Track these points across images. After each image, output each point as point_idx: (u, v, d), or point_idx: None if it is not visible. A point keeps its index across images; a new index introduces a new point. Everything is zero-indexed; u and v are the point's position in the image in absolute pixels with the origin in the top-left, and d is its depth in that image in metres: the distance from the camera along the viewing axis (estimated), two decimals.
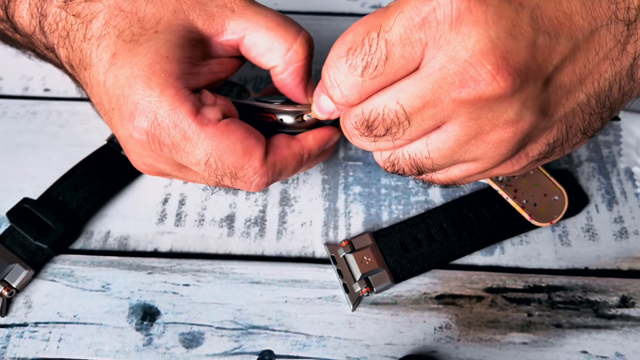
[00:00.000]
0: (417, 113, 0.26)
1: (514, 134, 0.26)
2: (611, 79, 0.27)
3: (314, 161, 0.37)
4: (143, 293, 0.36)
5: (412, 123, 0.26)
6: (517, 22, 0.24)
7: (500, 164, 0.29)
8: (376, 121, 0.27)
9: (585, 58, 0.26)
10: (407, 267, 0.37)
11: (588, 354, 0.34)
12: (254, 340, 0.35)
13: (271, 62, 0.33)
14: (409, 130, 0.27)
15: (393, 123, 0.27)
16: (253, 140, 0.30)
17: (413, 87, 0.25)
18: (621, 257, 0.38)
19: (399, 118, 0.26)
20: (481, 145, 0.27)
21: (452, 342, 0.35)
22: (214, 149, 0.29)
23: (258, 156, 0.30)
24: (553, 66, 0.25)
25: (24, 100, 0.46)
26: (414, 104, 0.26)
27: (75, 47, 0.31)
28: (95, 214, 0.40)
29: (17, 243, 0.37)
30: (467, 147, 0.27)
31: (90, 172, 0.40)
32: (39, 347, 0.34)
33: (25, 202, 0.38)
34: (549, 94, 0.26)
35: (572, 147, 0.30)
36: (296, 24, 0.33)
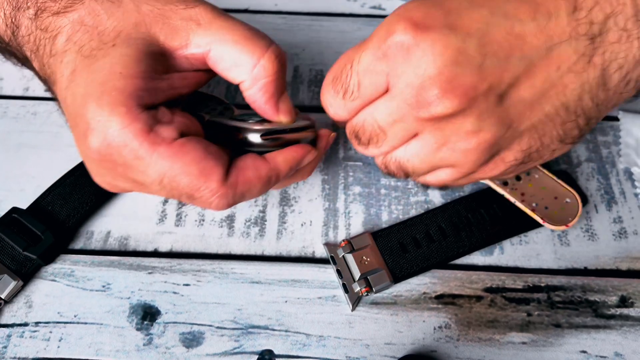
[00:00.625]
0: (389, 127, 0.31)
1: (478, 143, 0.30)
2: (579, 89, 0.29)
3: (288, 180, 0.35)
4: (143, 293, 0.36)
5: (388, 134, 0.31)
6: (463, 50, 0.27)
7: (478, 169, 0.32)
8: (360, 132, 0.32)
9: (545, 73, 0.29)
10: (406, 267, 0.37)
11: (587, 353, 0.34)
12: (254, 340, 0.35)
13: (238, 77, 0.31)
14: (388, 140, 0.31)
15: (373, 134, 0.32)
16: (211, 161, 0.29)
17: (383, 107, 0.30)
18: (620, 257, 0.38)
19: (375, 130, 0.31)
20: (452, 153, 0.30)
21: (451, 341, 0.35)
22: (167, 169, 0.28)
23: (215, 178, 0.29)
24: (506, 84, 0.28)
25: (25, 101, 0.46)
26: (386, 119, 0.30)
27: (45, 62, 0.30)
28: (90, 218, 0.39)
29: (6, 253, 0.37)
30: (440, 154, 0.31)
31: (80, 181, 0.39)
32: (40, 346, 0.34)
33: (13, 212, 0.38)
34: (507, 107, 0.29)
35: (552, 153, 0.32)
36: (266, 38, 0.31)
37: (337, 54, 0.32)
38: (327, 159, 0.43)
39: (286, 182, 0.35)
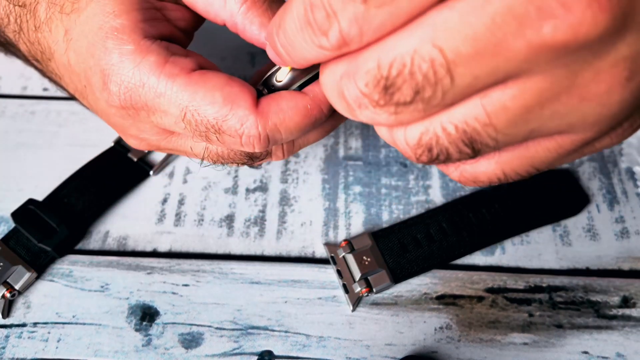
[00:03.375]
0: (465, 64, 0.17)
1: (630, 80, 0.17)
2: None
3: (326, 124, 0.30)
4: (142, 293, 0.36)
5: (456, 80, 0.17)
6: None
7: (609, 132, 0.20)
8: (400, 77, 0.17)
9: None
10: (407, 267, 0.37)
11: (589, 354, 0.34)
12: (253, 341, 0.34)
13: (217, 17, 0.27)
14: (452, 92, 0.17)
15: (426, 80, 0.17)
16: (236, 87, 0.25)
17: (459, 22, 0.16)
18: (622, 257, 0.38)
19: (436, 71, 0.17)
20: (578, 105, 0.18)
21: (452, 342, 0.35)
22: (189, 100, 0.25)
23: (243, 104, 0.25)
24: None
25: (23, 100, 0.45)
26: (462, 48, 0.16)
27: (32, 40, 0.29)
28: (99, 216, 0.39)
29: (21, 244, 0.37)
30: (554, 108, 0.18)
31: (97, 174, 0.40)
32: (38, 347, 0.34)
33: (30, 203, 0.38)
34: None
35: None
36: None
37: None
38: (327, 159, 0.42)
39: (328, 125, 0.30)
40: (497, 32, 0.16)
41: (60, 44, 0.28)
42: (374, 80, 0.18)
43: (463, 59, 0.16)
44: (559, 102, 0.18)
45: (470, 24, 0.16)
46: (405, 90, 0.17)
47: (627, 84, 0.17)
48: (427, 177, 0.42)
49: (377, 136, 0.44)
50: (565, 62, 0.17)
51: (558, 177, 0.41)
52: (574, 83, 0.17)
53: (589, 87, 0.17)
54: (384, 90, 0.18)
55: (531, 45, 0.16)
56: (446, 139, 0.19)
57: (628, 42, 0.16)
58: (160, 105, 0.26)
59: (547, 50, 0.16)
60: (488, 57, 0.16)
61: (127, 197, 0.40)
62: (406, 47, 0.17)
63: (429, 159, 0.20)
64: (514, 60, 0.16)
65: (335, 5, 0.17)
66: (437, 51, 0.16)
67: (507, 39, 0.16)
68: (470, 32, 0.16)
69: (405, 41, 0.17)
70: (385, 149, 0.43)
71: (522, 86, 0.17)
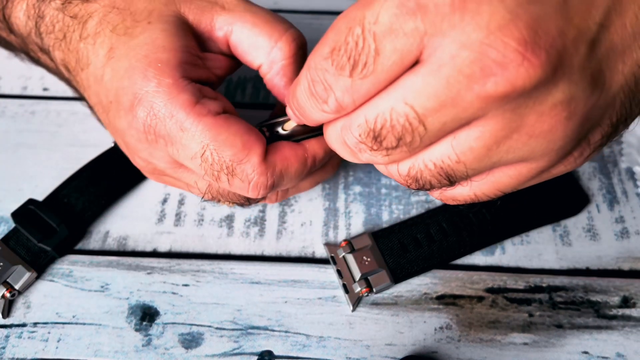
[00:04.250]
0: (433, 115, 0.21)
1: (569, 119, 0.21)
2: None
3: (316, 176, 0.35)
4: (142, 293, 0.36)
5: (428, 127, 0.21)
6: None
7: (561, 161, 0.23)
8: (384, 129, 0.22)
9: (635, 5, 0.21)
10: (407, 267, 0.37)
11: (589, 354, 0.34)
12: (253, 341, 0.34)
13: (256, 60, 0.31)
14: (427, 136, 0.22)
15: (405, 130, 0.22)
16: (253, 136, 0.29)
17: (422, 84, 0.20)
18: (622, 257, 0.38)
19: (411, 123, 0.21)
20: (528, 141, 0.21)
21: (452, 342, 0.35)
22: (211, 140, 0.28)
23: (258, 152, 0.29)
24: (596, 24, 0.20)
25: (23, 100, 0.45)
26: (427, 104, 0.21)
27: (72, 48, 0.31)
28: (99, 216, 0.39)
29: (21, 244, 0.37)
30: (508, 144, 0.22)
31: (97, 174, 0.40)
32: (38, 347, 0.34)
33: (30, 203, 0.38)
34: (599, 60, 0.21)
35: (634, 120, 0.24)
36: (286, 22, 0.31)
37: None
38: None
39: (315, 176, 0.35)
40: (452, 88, 0.20)
41: (100, 58, 0.30)
42: (365, 132, 0.23)
43: (430, 111, 0.21)
44: (512, 140, 0.22)
45: (430, 84, 0.20)
46: (390, 138, 0.22)
47: (567, 123, 0.21)
48: None
49: None
50: (511, 107, 0.20)
51: (558, 177, 0.41)
52: (521, 124, 0.21)
53: (534, 126, 0.21)
54: (373, 139, 0.23)
55: (480, 96, 0.20)
56: (428, 174, 0.24)
57: (562, 89, 0.20)
58: (182, 139, 0.28)
59: (493, 100, 0.20)
60: (449, 107, 0.21)
61: (127, 197, 0.40)
62: (385, 106, 0.22)
63: (417, 187, 0.25)
64: (470, 109, 0.20)
65: (329, 80, 0.22)
66: (408, 108, 0.21)
67: (460, 93, 0.20)
68: (431, 91, 0.20)
69: (384, 101, 0.22)
70: None
71: (482, 129, 0.21)
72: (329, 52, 0.22)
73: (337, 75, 0.22)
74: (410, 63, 0.21)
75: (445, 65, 0.20)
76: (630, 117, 0.24)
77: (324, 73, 0.22)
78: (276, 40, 0.31)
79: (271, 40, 0.31)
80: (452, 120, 0.21)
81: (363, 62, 0.21)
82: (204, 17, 0.31)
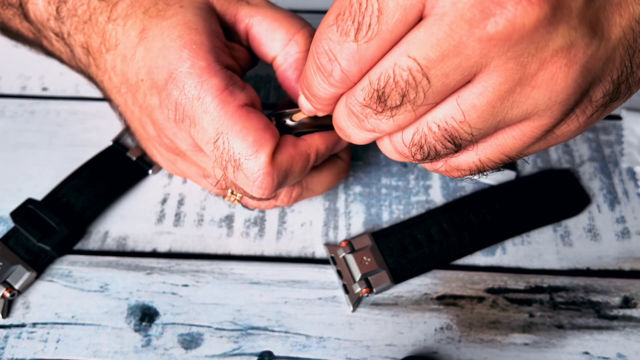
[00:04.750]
0: (436, 66, 0.21)
1: (569, 67, 0.21)
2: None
3: (319, 179, 0.36)
4: (142, 294, 0.36)
5: (432, 81, 0.21)
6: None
7: (564, 118, 0.23)
8: (388, 87, 0.22)
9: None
10: (407, 267, 0.37)
11: (590, 354, 0.34)
12: (253, 341, 0.34)
13: (272, 51, 0.32)
14: (431, 91, 0.22)
15: (409, 85, 0.22)
16: (268, 134, 0.29)
17: (424, 35, 0.21)
18: (623, 258, 0.38)
19: (414, 77, 0.21)
20: (531, 93, 0.21)
21: (453, 342, 0.35)
22: (227, 128, 0.29)
23: (267, 151, 0.29)
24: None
25: (22, 100, 0.45)
26: (430, 54, 0.21)
27: (98, 30, 0.31)
28: (98, 215, 0.39)
29: (21, 244, 0.37)
30: (512, 99, 0.22)
31: (96, 174, 0.40)
32: (37, 347, 0.34)
33: (29, 203, 0.38)
34: (596, 8, 0.21)
35: (638, 84, 0.24)
36: (303, 20, 0.33)
37: None
38: None
39: (319, 181, 0.36)
40: (454, 35, 0.20)
41: (132, 39, 0.30)
42: (369, 94, 0.23)
43: (433, 62, 0.21)
44: (515, 93, 0.22)
45: (433, 34, 0.20)
46: (394, 96, 0.22)
47: (567, 70, 0.21)
48: (427, 177, 0.41)
49: None
50: (513, 55, 0.20)
51: (559, 177, 0.41)
52: (524, 74, 0.21)
53: (536, 76, 0.21)
54: (378, 99, 0.23)
55: (481, 39, 0.20)
56: (432, 137, 0.24)
57: (561, 34, 0.20)
58: (203, 121, 0.29)
59: (494, 42, 0.20)
60: (452, 56, 0.21)
61: (127, 197, 0.40)
62: (388, 63, 0.22)
63: (422, 157, 0.25)
64: (472, 56, 0.20)
65: (334, 49, 0.22)
66: (411, 60, 0.21)
67: (462, 39, 0.20)
68: (434, 40, 0.20)
69: (388, 60, 0.22)
70: None
71: (485, 83, 0.21)
72: (333, 19, 0.22)
73: (342, 41, 0.22)
74: (414, 20, 0.21)
75: (447, 13, 0.20)
76: (632, 78, 0.23)
77: (328, 42, 0.22)
78: (293, 34, 0.32)
79: (289, 34, 0.32)
80: (455, 71, 0.21)
81: (367, 24, 0.21)
82: (230, 8, 0.32)
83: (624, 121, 0.44)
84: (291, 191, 0.35)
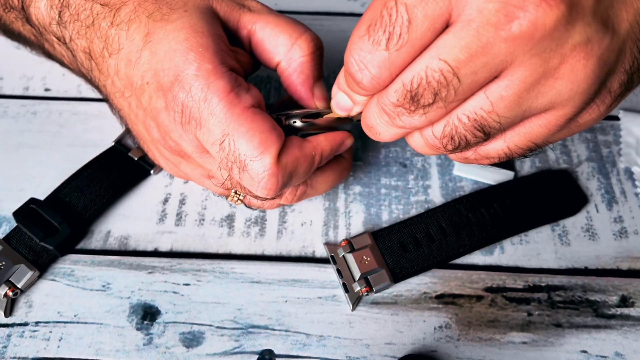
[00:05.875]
0: (465, 66, 0.23)
1: (587, 59, 0.23)
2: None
3: (323, 178, 0.36)
4: (143, 292, 0.36)
5: (462, 79, 0.23)
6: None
7: (585, 107, 0.25)
8: (421, 87, 0.24)
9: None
10: (407, 266, 0.37)
11: (588, 353, 0.34)
12: (254, 340, 0.35)
13: (276, 57, 0.33)
14: (461, 88, 0.24)
15: (440, 84, 0.24)
16: (274, 136, 0.30)
17: (454, 40, 0.23)
18: (621, 257, 0.38)
19: (445, 77, 0.23)
20: (554, 84, 0.24)
21: (452, 341, 0.35)
22: (233, 130, 0.29)
23: (272, 152, 0.29)
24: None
25: (25, 100, 0.46)
26: (460, 56, 0.23)
27: (100, 34, 0.32)
28: (100, 215, 0.40)
29: (23, 243, 0.37)
30: (537, 90, 0.24)
31: (97, 173, 0.40)
32: (40, 346, 0.34)
33: (31, 203, 0.38)
34: (605, 5, 0.23)
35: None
36: (305, 25, 0.33)
37: (338, 53, 0.32)
38: None
39: (323, 180, 0.36)
40: (481, 38, 0.22)
41: (136, 42, 0.30)
42: (403, 95, 0.25)
43: (462, 63, 0.23)
44: (540, 84, 0.24)
45: (462, 38, 0.23)
46: (427, 95, 0.24)
47: (586, 63, 0.23)
48: (426, 177, 0.42)
49: None
50: (536, 52, 0.22)
51: (557, 177, 0.41)
52: (547, 68, 0.23)
53: (558, 69, 0.23)
54: (411, 100, 0.25)
55: (507, 39, 0.22)
56: (463, 128, 0.25)
57: (578, 30, 0.22)
58: (209, 123, 0.29)
59: (519, 42, 0.22)
60: (479, 56, 0.23)
61: (129, 196, 0.41)
62: (420, 67, 0.24)
63: (454, 147, 0.27)
64: (499, 54, 0.23)
65: (365, 58, 0.24)
66: (442, 63, 0.23)
67: (489, 41, 0.22)
68: (463, 44, 0.23)
69: (419, 64, 0.24)
70: (384, 149, 0.43)
71: (511, 77, 0.23)
72: (365, 30, 0.24)
73: (373, 51, 0.24)
74: (441, 27, 0.23)
75: (474, 20, 0.22)
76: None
77: (359, 52, 0.24)
78: (296, 39, 0.32)
79: (291, 39, 0.32)
80: (483, 69, 0.23)
81: (397, 34, 0.23)
82: (232, 15, 0.33)
83: (622, 122, 0.44)
84: (296, 189, 0.35)
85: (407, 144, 0.43)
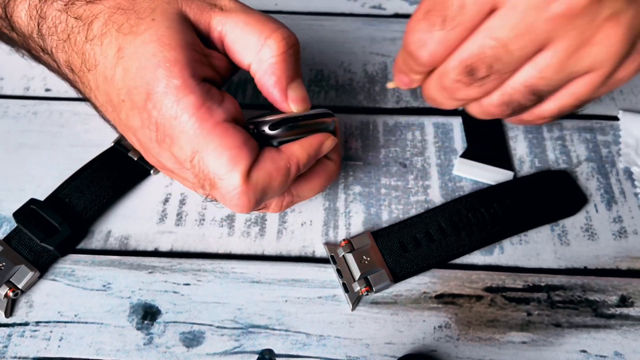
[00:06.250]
0: (514, 43, 0.27)
1: (617, 28, 0.27)
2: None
3: (308, 185, 0.35)
4: (144, 292, 0.36)
5: (512, 53, 0.27)
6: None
7: (619, 67, 0.29)
8: (476, 62, 0.28)
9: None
10: (406, 266, 0.37)
11: (587, 353, 0.34)
12: (254, 340, 0.35)
13: (246, 59, 0.31)
14: (512, 61, 0.28)
15: (494, 58, 0.27)
16: (244, 152, 0.29)
17: (502, 21, 0.27)
18: (620, 257, 0.38)
19: (497, 52, 0.27)
20: (591, 50, 0.27)
21: (451, 341, 0.35)
22: (202, 147, 0.28)
23: (240, 170, 0.29)
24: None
25: (25, 101, 0.46)
26: (509, 34, 0.27)
27: (77, 49, 0.31)
28: (100, 215, 0.40)
29: (23, 244, 0.37)
30: (577, 56, 0.28)
31: (97, 174, 0.40)
32: (40, 346, 0.34)
33: (31, 203, 0.38)
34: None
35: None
36: (277, 22, 0.31)
37: (338, 54, 0.32)
38: None
39: (307, 187, 0.35)
40: (526, 19, 0.26)
41: (110, 59, 0.30)
42: (461, 70, 0.28)
43: (511, 39, 0.27)
44: (579, 51, 0.27)
45: (509, 20, 0.26)
46: (482, 69, 0.28)
47: (617, 30, 0.27)
48: (426, 177, 0.42)
49: (377, 136, 0.44)
50: (573, 26, 0.26)
51: (556, 177, 0.41)
52: (583, 38, 0.27)
53: (593, 37, 0.27)
54: (468, 74, 0.28)
55: (548, 19, 0.26)
56: (517, 94, 0.29)
57: (607, 5, 0.26)
58: (181, 140, 0.29)
59: (558, 20, 0.26)
60: (526, 34, 0.26)
61: (129, 196, 0.41)
62: (475, 45, 0.27)
63: (510, 112, 0.30)
64: (542, 32, 0.26)
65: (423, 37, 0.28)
66: (494, 41, 0.27)
67: (532, 21, 0.26)
68: (511, 24, 0.26)
69: (473, 43, 0.27)
70: (384, 149, 0.43)
71: (554, 49, 0.27)
72: (422, 14, 0.28)
73: (431, 30, 0.28)
74: (488, 11, 0.27)
75: (519, 4, 0.26)
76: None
77: (419, 32, 0.28)
78: (266, 38, 0.30)
79: (261, 38, 0.31)
80: (529, 44, 0.27)
81: (452, 17, 0.27)
82: (203, 17, 0.31)
83: (621, 122, 0.44)
84: (281, 200, 0.34)
85: (407, 144, 0.43)
